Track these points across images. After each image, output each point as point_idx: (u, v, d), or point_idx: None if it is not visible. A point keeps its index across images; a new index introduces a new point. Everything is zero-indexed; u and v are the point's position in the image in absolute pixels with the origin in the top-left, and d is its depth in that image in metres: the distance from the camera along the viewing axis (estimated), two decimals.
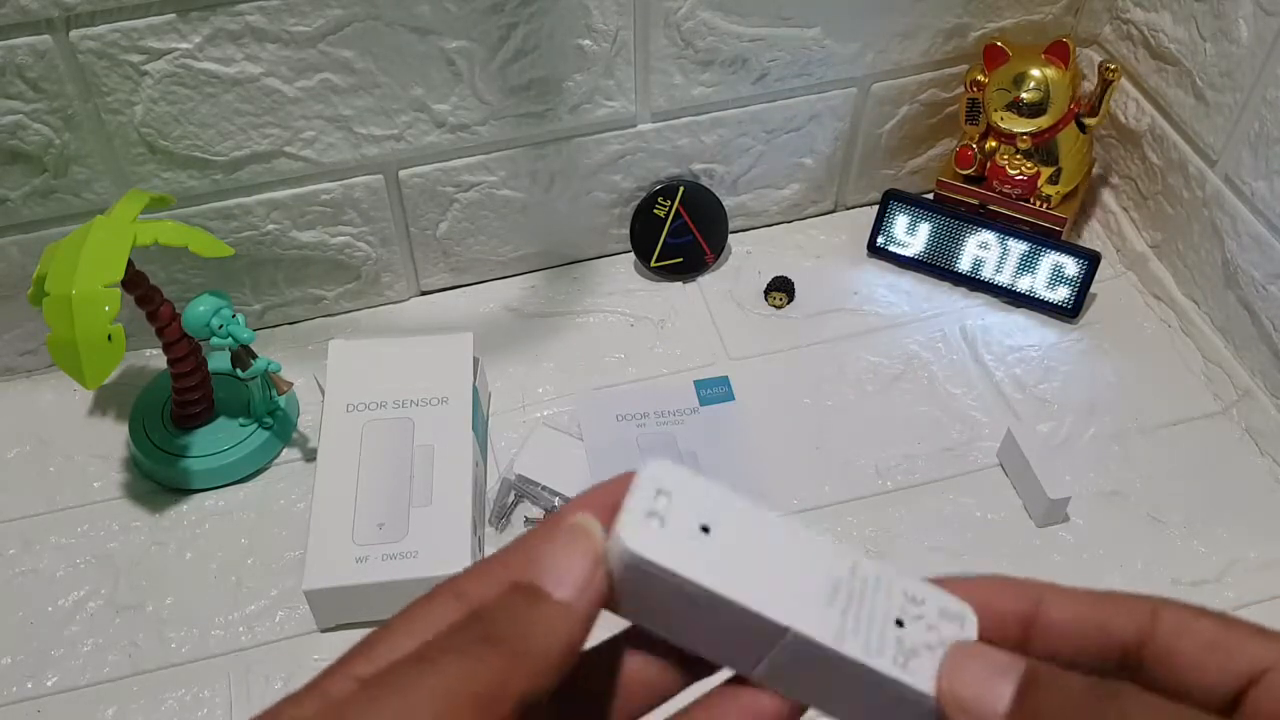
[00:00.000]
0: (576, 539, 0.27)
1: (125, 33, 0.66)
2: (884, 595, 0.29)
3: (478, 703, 0.24)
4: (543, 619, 0.26)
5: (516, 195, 0.81)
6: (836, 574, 0.29)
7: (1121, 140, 0.86)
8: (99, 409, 0.78)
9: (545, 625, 0.26)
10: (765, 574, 0.28)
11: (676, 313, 0.84)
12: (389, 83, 0.72)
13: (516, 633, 0.25)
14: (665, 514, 0.28)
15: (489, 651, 0.25)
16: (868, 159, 0.88)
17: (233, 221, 0.76)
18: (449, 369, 0.73)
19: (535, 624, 0.26)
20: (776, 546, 0.29)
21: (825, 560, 0.29)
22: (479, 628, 0.26)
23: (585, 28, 0.73)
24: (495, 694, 0.24)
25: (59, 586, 0.69)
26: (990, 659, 0.27)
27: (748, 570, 0.28)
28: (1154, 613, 0.28)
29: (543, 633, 0.26)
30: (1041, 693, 0.26)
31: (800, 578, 0.29)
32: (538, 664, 0.25)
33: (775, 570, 0.29)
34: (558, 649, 0.26)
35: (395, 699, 0.24)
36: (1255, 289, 0.74)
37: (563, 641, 0.26)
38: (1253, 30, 0.71)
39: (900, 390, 0.79)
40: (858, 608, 0.28)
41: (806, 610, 0.28)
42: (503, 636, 0.25)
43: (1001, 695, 0.26)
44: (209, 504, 0.73)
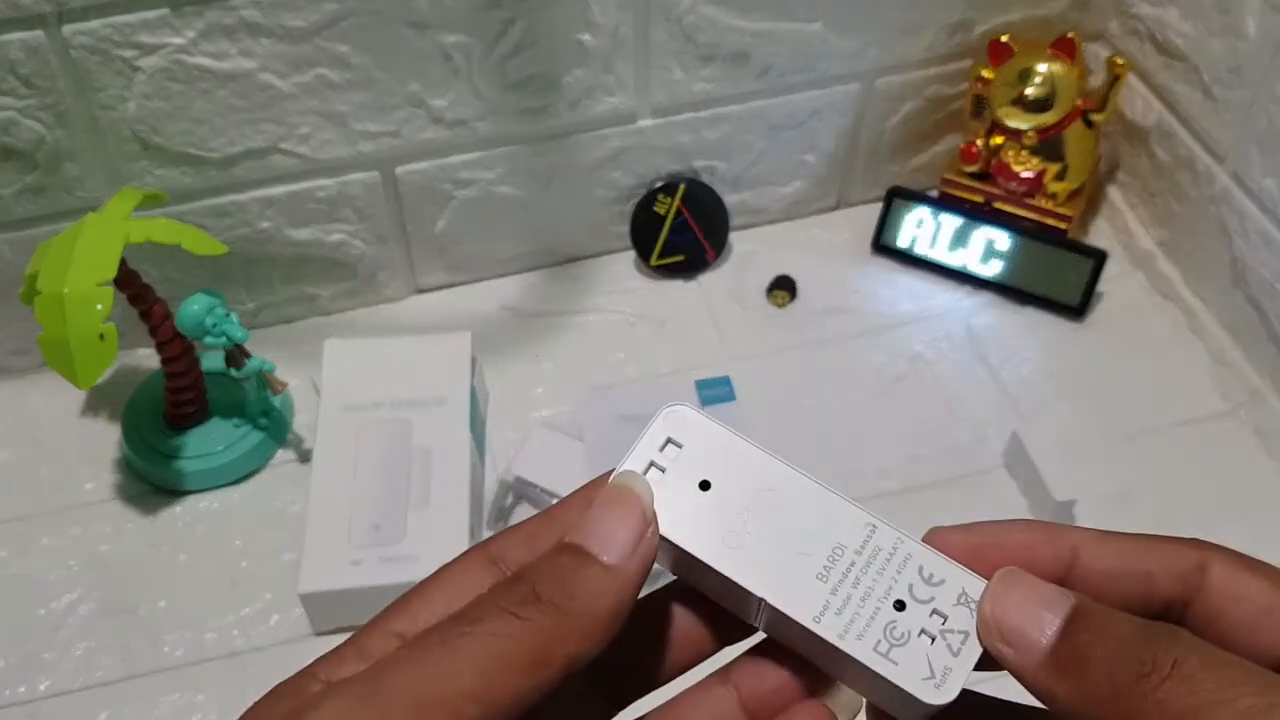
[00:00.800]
0: (623, 501, 0.27)
1: (118, 28, 0.65)
2: (892, 572, 0.27)
3: (525, 664, 0.24)
4: (590, 581, 0.25)
5: (515, 192, 0.81)
6: (844, 541, 0.27)
7: (1128, 137, 0.85)
8: (91, 409, 0.78)
9: (593, 588, 0.25)
10: (756, 538, 0.27)
11: (677, 312, 0.84)
12: (385, 78, 0.71)
13: (564, 594, 0.25)
14: (668, 466, 0.28)
15: (536, 612, 0.24)
16: (871, 156, 0.88)
17: (226, 219, 0.75)
18: (446, 369, 0.72)
19: (582, 586, 0.25)
20: (781, 508, 0.28)
21: (835, 526, 0.28)
22: (524, 588, 0.25)
23: (585, 22, 0.73)
24: (543, 656, 0.24)
25: (51, 589, 0.68)
26: (1038, 589, 0.26)
27: (736, 533, 0.27)
28: (1202, 566, 0.26)
29: (591, 595, 0.25)
30: (1090, 629, 0.24)
31: (797, 544, 0.27)
32: (585, 626, 0.25)
33: (770, 534, 0.27)
34: (606, 612, 0.25)
35: (440, 659, 0.24)
36: (1264, 287, 0.73)
37: (611, 604, 0.25)
38: (1261, 26, 0.70)
39: (904, 390, 0.78)
40: (853, 584, 0.27)
41: (788, 582, 0.27)
42: (550, 598, 0.25)
43: (1047, 628, 0.25)
44: (203, 505, 0.72)
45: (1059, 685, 0.25)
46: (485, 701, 0.23)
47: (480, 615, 0.25)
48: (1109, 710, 0.24)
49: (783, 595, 0.27)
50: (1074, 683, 0.24)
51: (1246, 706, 0.22)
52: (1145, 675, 0.23)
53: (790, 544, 0.27)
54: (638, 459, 0.28)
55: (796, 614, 0.27)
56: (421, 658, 0.24)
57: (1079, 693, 0.24)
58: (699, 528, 0.27)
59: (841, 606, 0.27)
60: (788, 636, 0.28)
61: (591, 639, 0.25)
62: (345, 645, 0.26)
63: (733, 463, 0.28)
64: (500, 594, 0.25)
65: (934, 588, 0.27)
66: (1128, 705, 0.23)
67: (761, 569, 0.27)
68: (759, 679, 0.28)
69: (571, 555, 0.26)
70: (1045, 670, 0.25)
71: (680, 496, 0.28)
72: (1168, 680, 0.23)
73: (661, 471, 0.28)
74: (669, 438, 0.29)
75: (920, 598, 0.27)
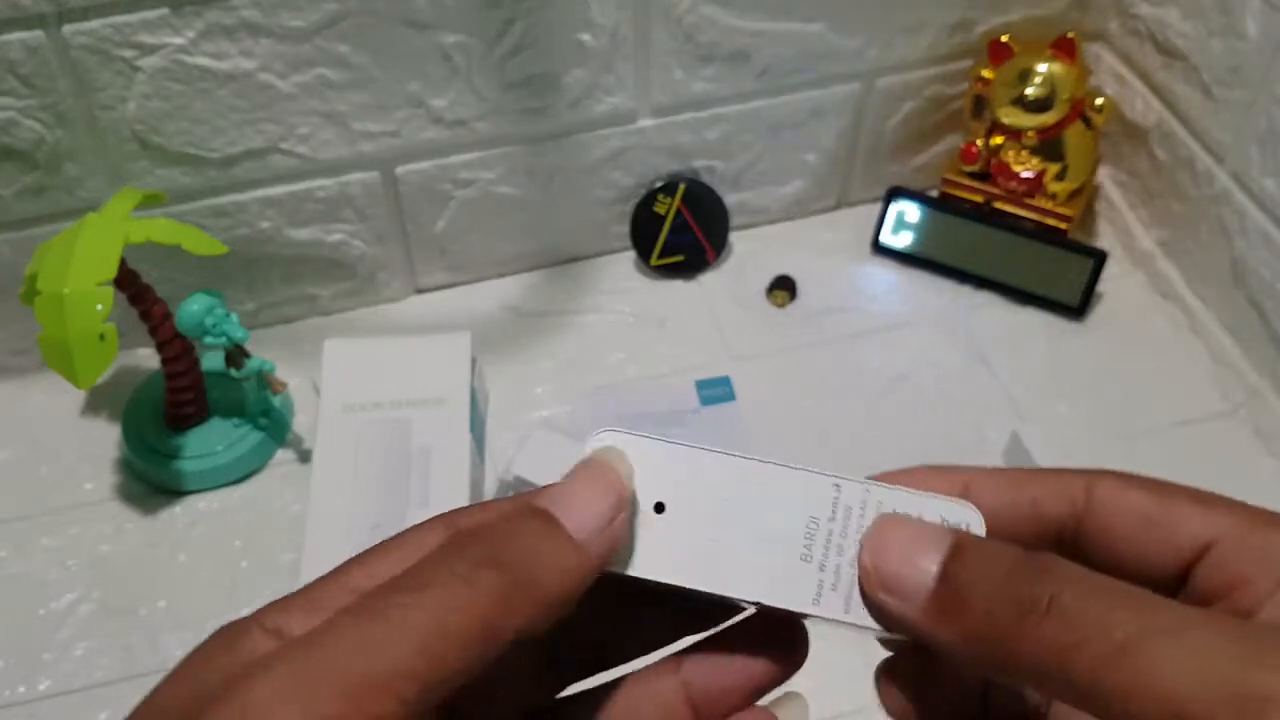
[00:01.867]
0: (605, 478, 0.25)
1: (118, 28, 0.65)
2: (869, 525, 0.27)
3: (472, 638, 0.22)
4: (555, 554, 0.24)
5: (515, 192, 0.81)
6: (814, 513, 0.27)
7: (1128, 137, 0.85)
8: (91, 409, 0.78)
9: (556, 561, 0.24)
10: (729, 545, 0.26)
11: (677, 311, 0.83)
12: (385, 78, 0.71)
13: (523, 562, 0.23)
14: None
15: (489, 578, 0.23)
16: (871, 155, 0.88)
17: (226, 219, 0.75)
18: (446, 369, 0.72)
19: (545, 557, 0.24)
20: (743, 504, 0.27)
21: (800, 501, 0.27)
22: (480, 550, 0.23)
23: (584, 22, 0.73)
24: (490, 630, 0.22)
25: (51, 589, 0.68)
26: (916, 531, 0.25)
27: (708, 548, 0.26)
28: (1088, 488, 0.26)
29: (553, 569, 0.24)
30: (969, 568, 0.24)
31: (771, 536, 0.27)
32: (540, 600, 0.23)
33: (741, 536, 0.27)
34: (564, 591, 0.24)
35: (381, 634, 0.22)
36: (1264, 287, 0.73)
37: (571, 584, 0.24)
38: (1261, 26, 0.70)
39: (904, 390, 0.78)
40: (837, 553, 0.26)
41: (776, 576, 0.26)
42: (508, 563, 0.23)
43: (927, 570, 0.24)
44: (202, 506, 0.72)
45: (943, 630, 0.24)
46: (425, 681, 0.21)
47: (428, 580, 0.23)
48: (993, 652, 0.23)
49: (775, 592, 0.26)
50: (957, 626, 0.24)
51: (1121, 638, 0.21)
52: (1024, 615, 0.23)
53: (764, 536, 0.27)
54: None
55: (795, 605, 0.26)
56: (360, 632, 0.22)
57: (962, 636, 0.24)
58: (670, 554, 0.26)
59: (835, 581, 0.26)
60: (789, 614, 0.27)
61: (543, 617, 0.23)
62: (297, 594, 0.25)
63: (679, 474, 0.27)
64: (453, 554, 0.23)
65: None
66: (1010, 646, 0.23)
67: (746, 573, 0.26)
68: (710, 677, 0.27)
69: (540, 521, 0.24)
70: (928, 616, 0.24)
71: (643, 530, 0.26)
72: (1046, 618, 0.22)
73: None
74: None
75: None
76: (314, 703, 0.20)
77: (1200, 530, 0.25)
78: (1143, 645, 0.21)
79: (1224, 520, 0.25)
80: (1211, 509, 0.25)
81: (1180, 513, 0.25)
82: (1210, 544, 0.25)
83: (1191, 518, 0.25)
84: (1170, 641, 0.21)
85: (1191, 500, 0.26)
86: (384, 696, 0.21)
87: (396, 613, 0.22)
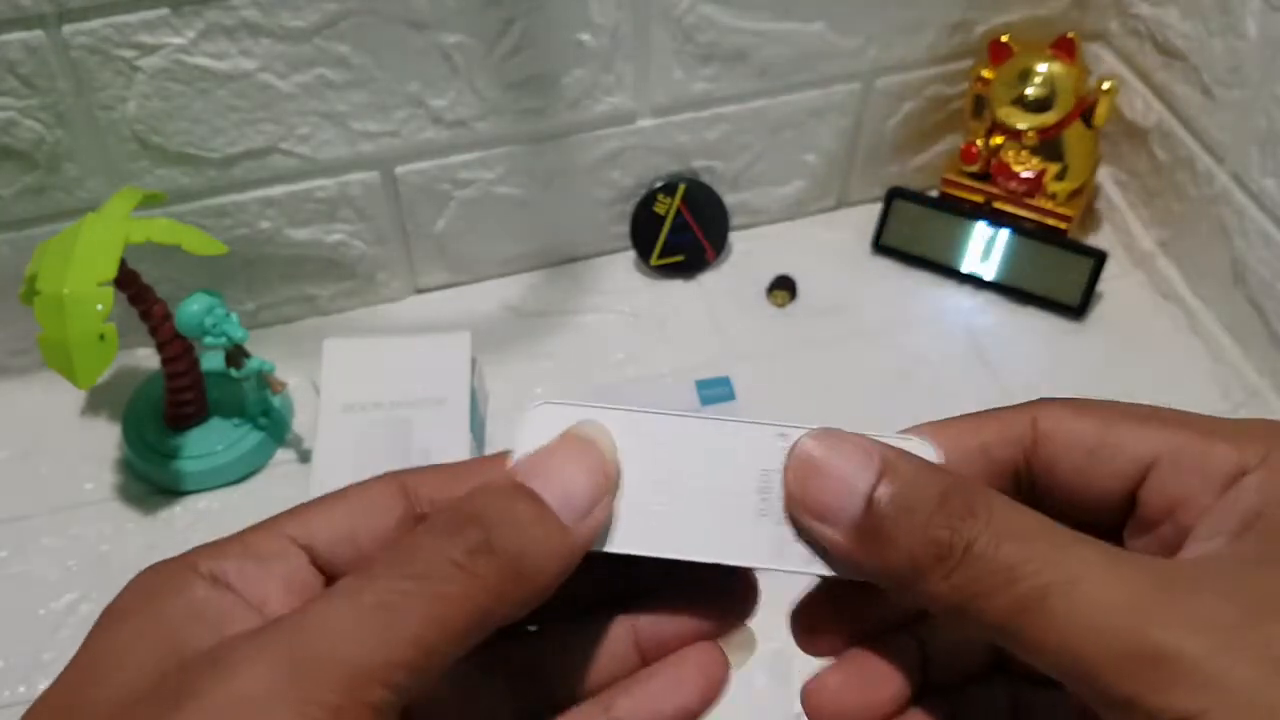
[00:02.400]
0: (587, 452, 0.25)
1: (118, 28, 0.65)
2: None
3: (467, 628, 0.22)
4: (545, 540, 0.23)
5: (515, 192, 0.81)
6: (765, 465, 0.26)
7: (1129, 137, 0.85)
8: (91, 409, 0.78)
9: (546, 547, 0.23)
10: (685, 509, 0.26)
11: (677, 311, 0.83)
12: (385, 78, 0.71)
13: (517, 547, 0.23)
14: None
15: (486, 566, 0.22)
16: (871, 156, 0.88)
17: (226, 219, 0.75)
18: (446, 369, 0.72)
19: (536, 544, 0.23)
20: (693, 464, 0.26)
21: (749, 455, 0.26)
22: (475, 535, 0.23)
23: (584, 22, 0.73)
24: (484, 618, 0.22)
25: (51, 589, 0.68)
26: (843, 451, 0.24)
27: (664, 513, 0.26)
28: (1033, 423, 0.26)
29: (543, 555, 0.23)
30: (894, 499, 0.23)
31: (725, 494, 0.26)
32: (531, 588, 0.23)
33: (696, 498, 0.26)
34: (552, 577, 0.23)
35: (379, 624, 0.21)
36: (1264, 287, 0.73)
37: (558, 569, 0.24)
38: (1261, 26, 0.70)
39: (904, 390, 0.78)
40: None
41: (736, 535, 0.26)
42: (502, 549, 0.23)
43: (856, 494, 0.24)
44: (202, 506, 0.72)
45: (867, 563, 0.24)
46: (420, 670, 0.21)
47: (425, 568, 0.22)
48: (914, 591, 0.23)
49: (736, 551, 0.26)
50: (880, 562, 0.24)
51: (1025, 590, 0.21)
52: (942, 559, 0.23)
53: (718, 496, 0.26)
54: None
55: (757, 562, 0.26)
56: (357, 620, 0.21)
57: (885, 572, 0.24)
58: (627, 524, 0.26)
59: (795, 535, 0.26)
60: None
61: (532, 603, 0.23)
62: (232, 538, 0.24)
63: (625, 441, 0.26)
64: (447, 539, 0.23)
65: None
66: (928, 588, 0.23)
67: (704, 536, 0.26)
68: (658, 620, 0.27)
69: (528, 503, 0.24)
70: (854, 546, 0.24)
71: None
72: (960, 565, 0.22)
73: None
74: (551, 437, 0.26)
75: None
76: (311, 693, 0.20)
77: (1141, 451, 0.25)
78: (1045, 599, 0.21)
79: (1163, 437, 0.24)
80: (1150, 427, 0.25)
81: (1122, 435, 0.25)
82: (1151, 464, 0.24)
83: (1132, 439, 0.25)
84: (1072, 594, 0.21)
85: (1132, 421, 0.25)
86: (379, 687, 0.21)
87: (396, 600, 0.22)
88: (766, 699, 0.60)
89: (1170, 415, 0.25)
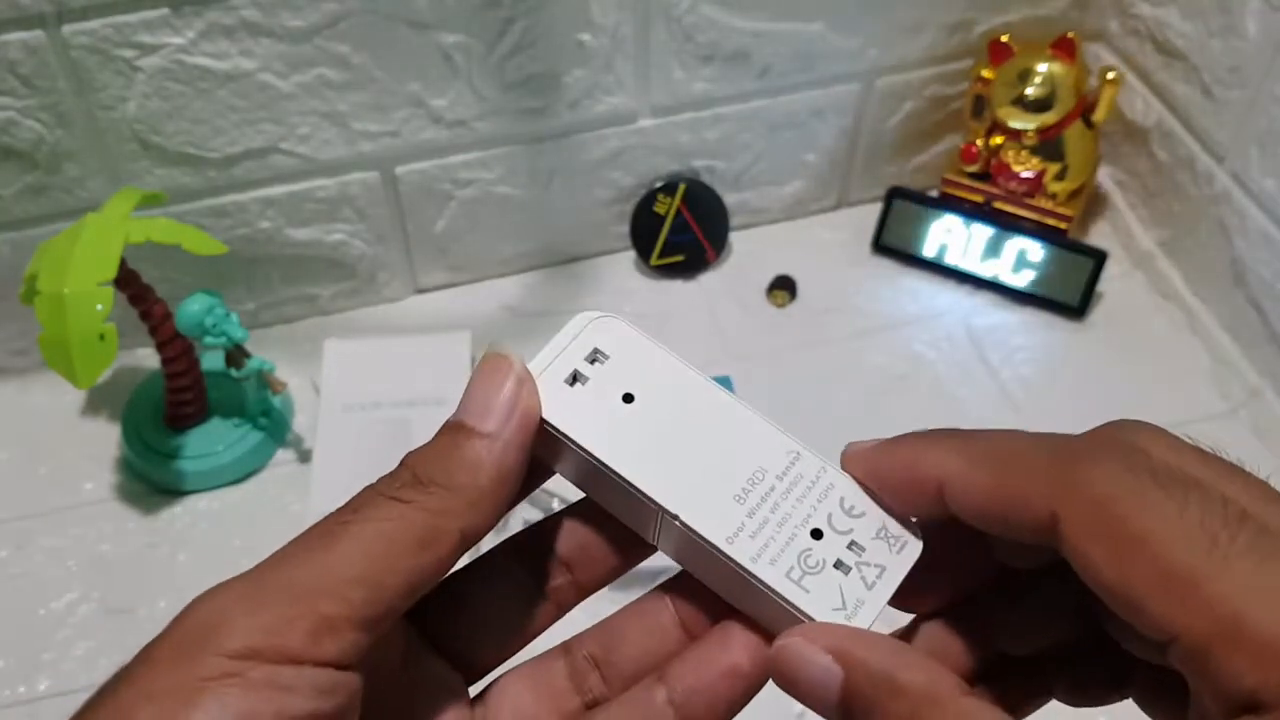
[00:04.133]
0: (495, 369, 0.27)
1: (118, 28, 0.65)
2: (812, 500, 0.27)
3: (412, 544, 0.24)
4: (468, 453, 0.26)
5: (515, 192, 0.81)
6: (765, 466, 0.27)
7: (1129, 137, 0.85)
8: (91, 409, 0.78)
9: (470, 458, 0.25)
10: (675, 455, 0.27)
11: (677, 311, 0.83)
12: (385, 78, 0.71)
13: (443, 472, 0.25)
14: (592, 376, 0.28)
15: (419, 494, 0.25)
16: (871, 155, 0.88)
17: (226, 219, 0.75)
18: (446, 369, 0.72)
19: (459, 460, 0.25)
20: (707, 427, 0.27)
21: (760, 450, 0.27)
22: (404, 473, 0.26)
23: (584, 22, 0.73)
24: (430, 534, 0.24)
25: (50, 589, 0.68)
26: (810, 663, 0.25)
27: (655, 448, 0.27)
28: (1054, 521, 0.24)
29: (470, 466, 0.25)
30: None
31: (719, 464, 0.27)
32: (471, 498, 0.25)
33: (691, 452, 0.27)
34: (488, 481, 0.25)
35: (323, 548, 0.24)
36: (1264, 287, 0.73)
37: (491, 473, 0.25)
38: (1261, 26, 0.70)
39: (905, 390, 0.78)
40: (770, 509, 0.26)
41: (704, 500, 0.26)
42: (431, 478, 0.25)
43: (829, 688, 0.24)
44: (202, 506, 0.72)
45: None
46: (372, 584, 0.23)
47: (361, 504, 0.25)
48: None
49: (697, 513, 0.26)
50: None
51: None
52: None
53: (710, 464, 0.27)
54: (556, 370, 0.28)
55: (709, 534, 0.26)
56: (303, 551, 0.24)
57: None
58: (616, 439, 0.27)
59: (757, 530, 0.26)
60: (695, 560, 0.27)
61: (479, 510, 0.25)
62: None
63: (661, 379, 0.28)
64: (381, 483, 0.26)
65: (854, 519, 0.27)
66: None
67: (677, 485, 0.26)
68: (696, 593, 0.28)
69: (450, 433, 0.26)
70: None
71: (600, 406, 0.27)
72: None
73: (584, 382, 0.28)
74: (596, 349, 0.28)
75: (839, 528, 0.27)
76: (266, 606, 0.23)
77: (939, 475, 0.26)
78: None
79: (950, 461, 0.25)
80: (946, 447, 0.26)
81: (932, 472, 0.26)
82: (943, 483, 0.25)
83: (935, 471, 0.26)
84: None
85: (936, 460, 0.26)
86: (332, 600, 0.23)
87: (336, 530, 0.24)
88: (767, 699, 0.60)
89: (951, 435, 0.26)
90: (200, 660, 0.22)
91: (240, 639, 0.22)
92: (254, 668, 0.22)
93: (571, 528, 0.29)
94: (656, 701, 0.27)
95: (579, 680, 0.29)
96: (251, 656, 0.22)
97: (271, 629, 0.22)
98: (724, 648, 0.27)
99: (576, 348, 0.28)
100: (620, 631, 0.29)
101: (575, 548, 0.29)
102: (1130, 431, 0.24)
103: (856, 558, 0.26)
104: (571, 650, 0.29)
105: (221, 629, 0.22)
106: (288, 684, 0.22)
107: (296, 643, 0.22)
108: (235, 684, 0.22)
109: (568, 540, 0.29)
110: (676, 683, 0.27)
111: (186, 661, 0.22)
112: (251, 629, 0.22)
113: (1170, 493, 0.22)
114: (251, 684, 0.22)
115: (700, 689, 0.27)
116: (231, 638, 0.22)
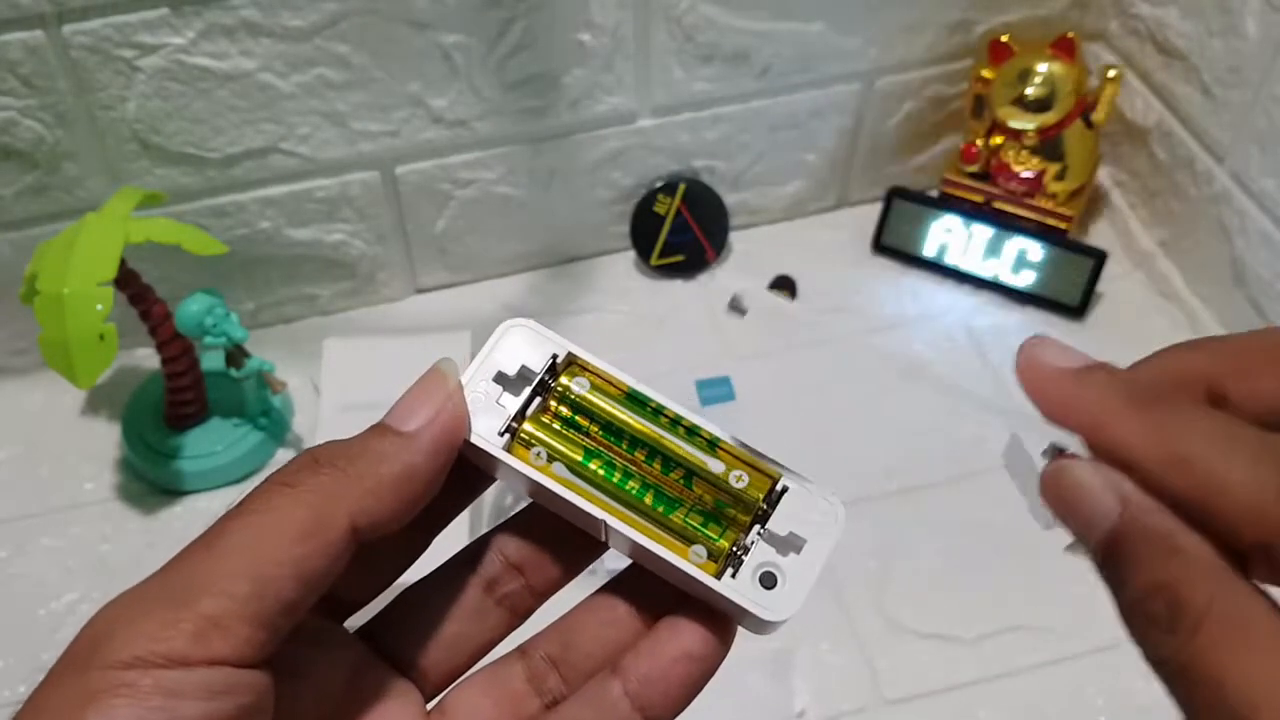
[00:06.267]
0: (430, 380, 0.27)
1: (118, 28, 0.65)
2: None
3: (296, 532, 0.24)
4: (375, 445, 0.26)
5: (515, 192, 0.81)
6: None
7: (1129, 137, 0.85)
8: (91, 409, 0.78)
9: (377, 449, 0.26)
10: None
11: (677, 311, 0.83)
12: (385, 78, 0.71)
13: (345, 459, 0.25)
14: (514, 386, 0.28)
15: (309, 477, 0.25)
16: (871, 155, 0.87)
17: (226, 219, 0.75)
18: None
19: (367, 448, 0.26)
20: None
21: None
22: (302, 458, 0.26)
23: (584, 22, 0.73)
24: (316, 521, 0.24)
25: (50, 589, 0.68)
26: (1088, 486, 0.23)
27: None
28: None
29: (373, 456, 0.25)
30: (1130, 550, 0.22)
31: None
32: (369, 485, 0.25)
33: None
34: (390, 473, 0.25)
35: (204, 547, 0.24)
36: (1264, 288, 0.73)
37: (398, 467, 0.25)
38: (1261, 26, 0.70)
39: (904, 390, 0.78)
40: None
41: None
42: (330, 463, 0.25)
43: (1102, 521, 0.23)
44: (202, 505, 0.72)
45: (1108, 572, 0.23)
46: (254, 578, 0.23)
47: (251, 497, 0.25)
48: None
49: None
50: (1117, 576, 0.23)
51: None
52: (1166, 629, 0.21)
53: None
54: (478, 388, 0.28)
55: (648, 541, 0.27)
56: (190, 553, 0.24)
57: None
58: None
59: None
60: (644, 557, 0.28)
61: (377, 499, 0.25)
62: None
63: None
64: (280, 469, 0.25)
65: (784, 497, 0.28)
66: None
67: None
68: (650, 580, 0.28)
69: (369, 430, 0.26)
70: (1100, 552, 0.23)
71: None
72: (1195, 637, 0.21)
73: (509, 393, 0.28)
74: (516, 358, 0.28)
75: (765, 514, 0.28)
76: (150, 613, 0.23)
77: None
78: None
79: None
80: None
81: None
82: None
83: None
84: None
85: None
86: (214, 598, 0.23)
87: (224, 526, 0.24)
88: (767, 699, 0.60)
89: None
90: (87, 674, 0.22)
91: (127, 649, 0.22)
92: (142, 676, 0.22)
93: (522, 533, 0.29)
94: (612, 694, 0.27)
95: (538, 682, 0.29)
96: (139, 665, 0.22)
97: (155, 635, 0.22)
98: (674, 634, 0.27)
99: (496, 359, 0.28)
100: (576, 628, 0.29)
101: (527, 552, 0.29)
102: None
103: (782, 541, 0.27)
104: (528, 653, 0.29)
105: (109, 640, 0.22)
106: (177, 688, 0.22)
107: (181, 645, 0.22)
108: (123, 694, 0.22)
109: (519, 546, 0.29)
110: (631, 673, 0.27)
111: (74, 676, 0.22)
112: (137, 637, 0.22)
113: None
114: (140, 693, 0.22)
115: (654, 677, 0.27)
116: (118, 648, 0.22)
